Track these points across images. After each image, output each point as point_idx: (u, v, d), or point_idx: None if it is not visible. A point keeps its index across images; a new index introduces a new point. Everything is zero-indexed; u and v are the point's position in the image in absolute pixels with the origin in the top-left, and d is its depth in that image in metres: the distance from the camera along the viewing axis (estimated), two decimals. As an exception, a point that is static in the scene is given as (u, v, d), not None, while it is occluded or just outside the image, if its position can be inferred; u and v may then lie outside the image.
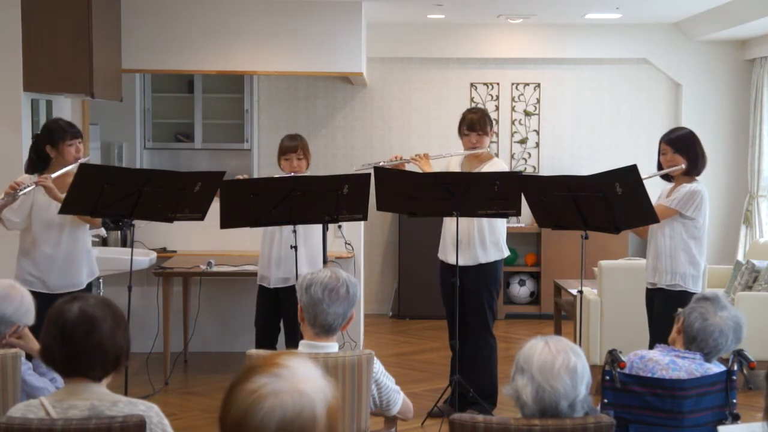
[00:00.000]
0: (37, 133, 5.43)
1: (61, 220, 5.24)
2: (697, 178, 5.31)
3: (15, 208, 5.19)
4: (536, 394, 2.71)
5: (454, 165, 5.89)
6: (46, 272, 5.26)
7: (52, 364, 2.76)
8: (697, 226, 5.21)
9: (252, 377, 1.68)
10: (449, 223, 5.79)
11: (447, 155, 5.94)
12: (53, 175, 5.14)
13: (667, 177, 5.42)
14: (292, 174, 5.67)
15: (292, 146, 5.79)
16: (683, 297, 5.14)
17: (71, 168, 5.20)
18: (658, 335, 5.03)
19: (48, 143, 5.24)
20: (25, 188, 5.06)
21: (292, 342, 5.64)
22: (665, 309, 5.21)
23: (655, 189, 5.10)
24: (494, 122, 9.37)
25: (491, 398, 5.81)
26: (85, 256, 5.39)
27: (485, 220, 5.68)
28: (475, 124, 5.75)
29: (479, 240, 5.72)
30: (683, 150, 5.25)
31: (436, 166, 5.82)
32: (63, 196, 5.10)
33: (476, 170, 5.74)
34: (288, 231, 5.51)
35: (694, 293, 5.12)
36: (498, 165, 5.81)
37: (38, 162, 5.28)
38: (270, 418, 1.64)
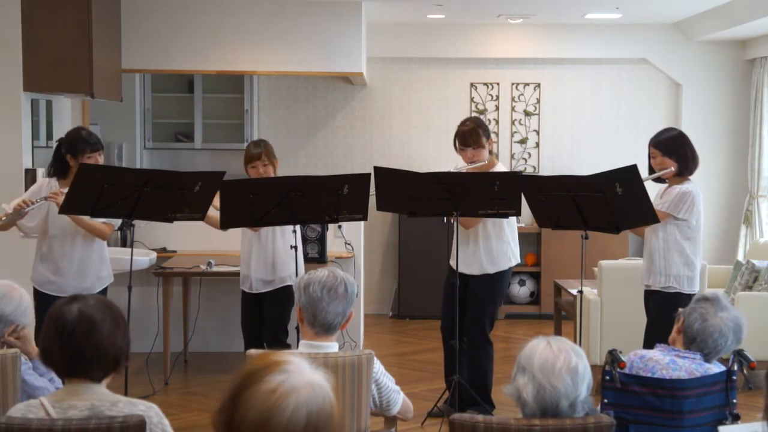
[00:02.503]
0: (61, 137, 5.46)
1: (75, 229, 5.26)
2: (690, 177, 5.30)
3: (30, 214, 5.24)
4: (537, 393, 2.71)
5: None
6: (61, 277, 5.31)
7: (51, 364, 2.76)
8: (690, 227, 5.21)
9: (262, 378, 1.67)
10: (456, 230, 5.74)
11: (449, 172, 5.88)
12: (66, 191, 5.16)
13: (660, 179, 5.40)
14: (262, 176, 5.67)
15: (256, 153, 5.67)
16: (678, 299, 5.14)
17: None
18: (654, 338, 5.03)
19: (69, 152, 5.30)
20: (32, 206, 5.11)
21: (274, 341, 5.64)
22: (660, 312, 5.22)
23: (651, 190, 5.09)
24: (494, 122, 9.44)
25: (487, 402, 5.78)
26: (97, 265, 5.40)
27: (491, 229, 5.62)
28: (467, 139, 5.65)
29: (485, 250, 5.66)
30: (672, 152, 5.24)
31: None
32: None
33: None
34: (266, 232, 5.56)
35: (690, 294, 5.15)
36: (500, 170, 5.78)
37: (59, 168, 5.33)
38: (298, 413, 1.64)
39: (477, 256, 5.66)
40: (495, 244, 5.67)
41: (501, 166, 5.84)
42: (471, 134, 5.66)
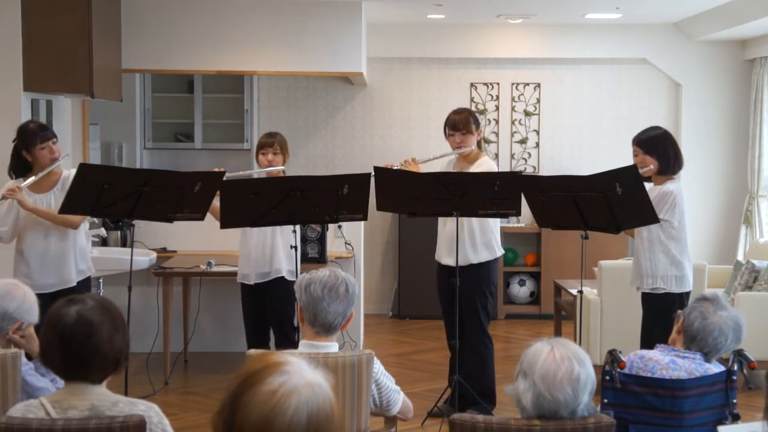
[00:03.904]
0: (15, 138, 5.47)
1: (46, 224, 5.27)
2: (673, 177, 5.29)
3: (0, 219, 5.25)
4: (536, 400, 2.70)
5: (447, 168, 5.88)
6: (38, 272, 5.29)
7: (51, 366, 2.76)
8: (673, 227, 5.19)
9: (263, 379, 1.67)
10: (443, 224, 5.79)
11: (434, 158, 5.92)
12: (23, 184, 5.18)
13: (645, 178, 5.40)
14: (270, 168, 5.69)
15: (269, 141, 5.80)
16: (668, 299, 5.14)
17: (45, 172, 5.24)
18: (648, 340, 5.04)
19: (23, 148, 5.28)
20: None
21: (280, 340, 5.67)
22: (652, 313, 5.23)
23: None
24: (494, 122, 9.45)
25: (489, 398, 5.80)
26: (75, 255, 5.39)
27: (475, 221, 5.67)
28: (458, 124, 5.74)
29: (469, 241, 5.70)
30: (653, 151, 5.24)
31: (433, 168, 5.80)
32: (35, 205, 5.19)
33: (466, 170, 5.73)
34: (265, 228, 5.58)
35: (680, 293, 5.15)
36: (487, 164, 5.78)
37: (20, 165, 5.31)
38: (299, 414, 1.64)
39: (462, 248, 5.66)
40: (479, 235, 5.71)
41: (488, 160, 5.86)
42: (462, 121, 5.75)
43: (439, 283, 5.87)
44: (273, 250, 5.69)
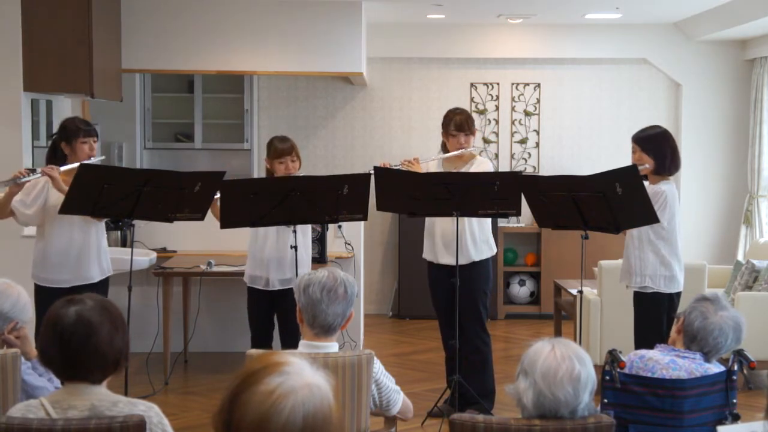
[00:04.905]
0: (55, 132, 5.48)
1: (70, 219, 5.25)
2: (669, 178, 5.29)
3: (28, 202, 5.22)
4: (537, 399, 2.70)
5: (432, 168, 5.85)
6: (59, 267, 5.28)
7: (51, 367, 2.75)
8: (663, 227, 5.18)
9: (261, 379, 1.67)
10: (439, 224, 5.78)
11: (437, 158, 5.92)
12: (62, 168, 5.17)
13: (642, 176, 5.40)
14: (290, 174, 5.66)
15: (287, 148, 5.65)
16: (657, 299, 5.14)
17: (77, 165, 5.22)
18: (639, 339, 5.04)
19: (63, 140, 5.30)
20: (28, 177, 5.10)
21: (289, 342, 5.64)
22: (641, 312, 5.24)
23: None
24: (494, 122, 9.47)
25: (489, 398, 5.80)
26: (97, 252, 5.39)
27: (474, 219, 5.68)
28: (463, 124, 5.74)
29: (470, 239, 5.71)
30: (651, 149, 5.24)
31: (426, 169, 5.80)
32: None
33: (462, 170, 5.73)
34: (284, 231, 5.52)
35: (670, 294, 5.15)
36: (485, 164, 5.79)
37: (54, 159, 5.32)
38: (295, 415, 1.64)
39: (463, 247, 5.67)
40: (478, 233, 5.74)
41: (484, 159, 5.87)
42: (467, 121, 5.76)
43: (437, 284, 5.86)
44: (297, 256, 5.60)
